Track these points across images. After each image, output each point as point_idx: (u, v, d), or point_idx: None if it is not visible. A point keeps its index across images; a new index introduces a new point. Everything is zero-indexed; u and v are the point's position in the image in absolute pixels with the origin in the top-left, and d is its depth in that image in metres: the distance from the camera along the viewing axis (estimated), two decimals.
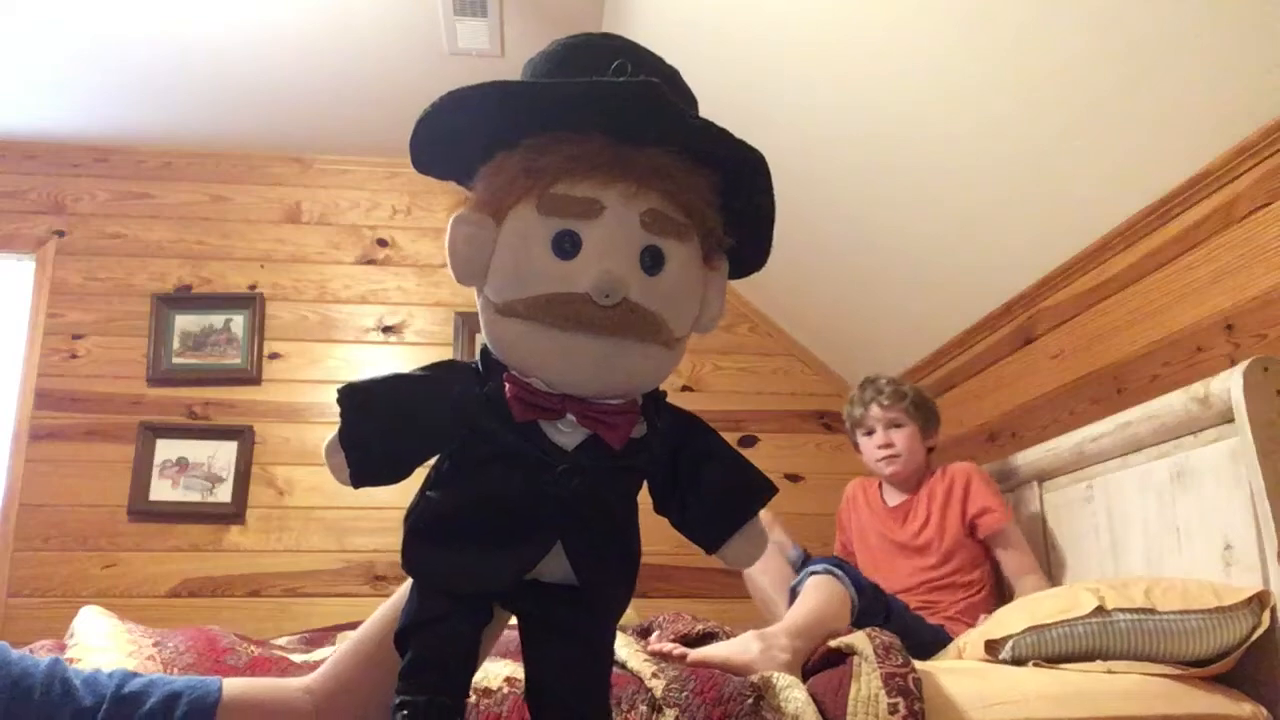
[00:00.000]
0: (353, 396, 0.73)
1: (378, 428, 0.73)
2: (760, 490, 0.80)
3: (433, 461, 0.77)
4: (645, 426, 0.75)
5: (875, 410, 2.15)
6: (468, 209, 0.74)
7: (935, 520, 2.05)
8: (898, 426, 2.14)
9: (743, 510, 0.79)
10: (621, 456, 0.74)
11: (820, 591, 1.66)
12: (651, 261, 0.71)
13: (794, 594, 1.73)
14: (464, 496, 0.74)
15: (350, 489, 0.75)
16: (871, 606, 1.72)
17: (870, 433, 2.17)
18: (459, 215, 0.73)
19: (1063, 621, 1.44)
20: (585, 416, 0.72)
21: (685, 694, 1.23)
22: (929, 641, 1.78)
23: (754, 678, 1.29)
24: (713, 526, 0.79)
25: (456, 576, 0.73)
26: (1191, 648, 1.37)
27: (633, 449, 0.74)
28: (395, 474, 0.74)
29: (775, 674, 1.32)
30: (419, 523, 0.75)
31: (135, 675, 0.86)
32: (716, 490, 0.79)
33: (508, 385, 0.71)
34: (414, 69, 2.82)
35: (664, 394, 0.78)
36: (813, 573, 1.71)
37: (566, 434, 0.73)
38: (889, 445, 2.13)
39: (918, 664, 1.33)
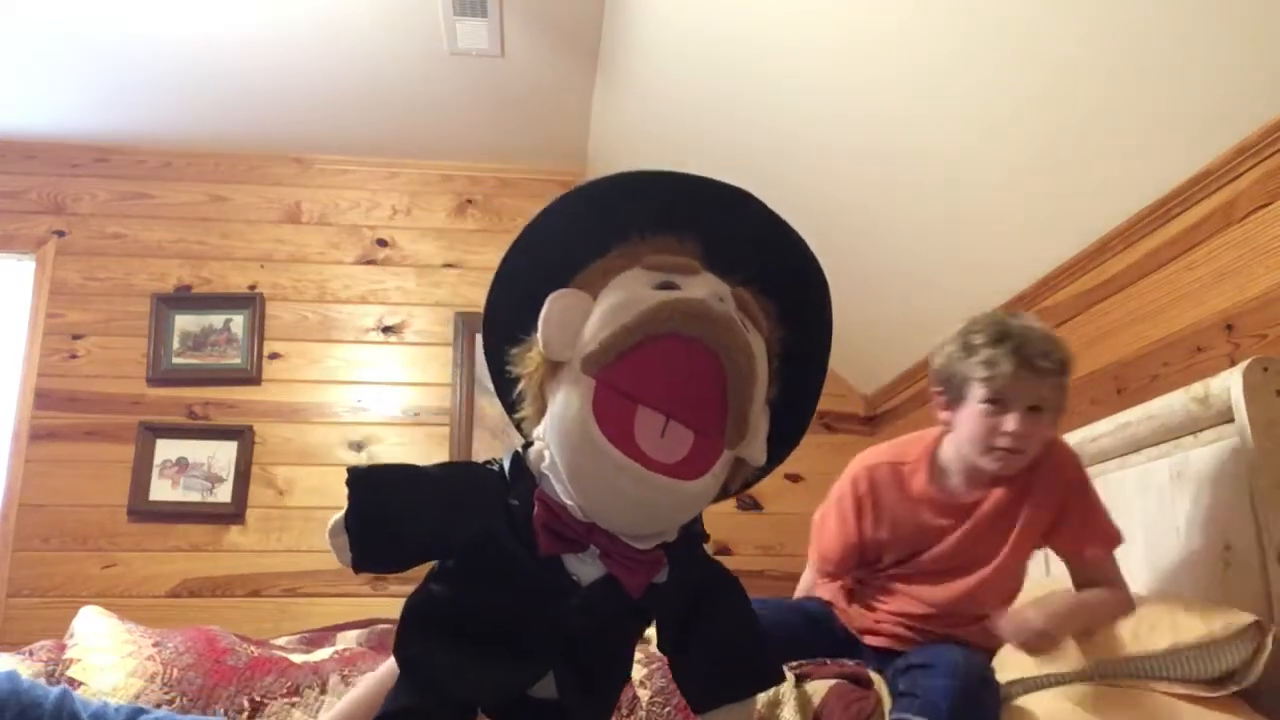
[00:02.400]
0: (365, 484, 0.70)
1: (386, 520, 0.70)
2: (766, 674, 0.78)
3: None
4: (667, 571, 0.72)
5: (1044, 390, 1.41)
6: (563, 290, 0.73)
7: (1002, 526, 1.49)
8: (1037, 411, 1.42)
9: (743, 686, 0.77)
10: (637, 602, 0.71)
11: None
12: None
13: None
14: (469, 603, 0.72)
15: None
16: None
17: (1004, 408, 1.42)
18: (555, 294, 0.72)
19: (1051, 675, 1.40)
20: (609, 555, 0.69)
21: (669, 709, 1.23)
22: None
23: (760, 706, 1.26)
24: (707, 689, 0.77)
25: (448, 681, 0.71)
26: (1189, 674, 1.33)
27: (650, 594, 0.71)
28: (398, 566, 0.72)
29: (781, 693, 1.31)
30: (418, 614, 0.73)
31: (143, 711, 0.86)
32: (724, 656, 0.76)
33: (538, 507, 0.69)
34: (414, 69, 2.82)
35: (706, 537, 0.76)
36: None
37: (586, 565, 0.70)
38: (1024, 436, 1.41)
39: None
